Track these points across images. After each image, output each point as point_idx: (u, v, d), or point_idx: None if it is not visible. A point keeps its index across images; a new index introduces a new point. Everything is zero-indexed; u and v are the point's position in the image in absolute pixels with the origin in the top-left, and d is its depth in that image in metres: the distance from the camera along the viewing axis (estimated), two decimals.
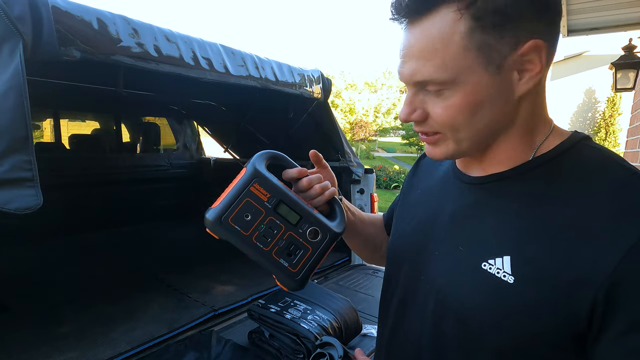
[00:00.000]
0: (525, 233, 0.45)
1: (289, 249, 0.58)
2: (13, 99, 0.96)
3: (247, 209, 0.57)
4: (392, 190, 11.53)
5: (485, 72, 0.44)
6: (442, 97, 0.46)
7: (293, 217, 0.59)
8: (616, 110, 14.06)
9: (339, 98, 21.46)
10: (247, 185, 0.58)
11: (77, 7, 1.17)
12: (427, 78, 0.45)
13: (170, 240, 3.17)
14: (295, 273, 0.57)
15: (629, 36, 3.34)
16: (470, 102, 0.45)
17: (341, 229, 0.62)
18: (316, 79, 2.21)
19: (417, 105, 0.49)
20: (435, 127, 0.49)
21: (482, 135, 0.48)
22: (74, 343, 1.52)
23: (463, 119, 0.46)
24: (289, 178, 0.66)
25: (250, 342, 1.49)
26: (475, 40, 0.42)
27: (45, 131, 3.52)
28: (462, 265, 0.50)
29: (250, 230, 0.57)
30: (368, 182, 2.48)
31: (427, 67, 0.45)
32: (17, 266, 2.33)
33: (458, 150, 0.50)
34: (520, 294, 0.43)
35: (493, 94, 0.45)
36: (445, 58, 0.44)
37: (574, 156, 0.46)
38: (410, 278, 0.58)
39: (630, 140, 2.38)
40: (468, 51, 0.43)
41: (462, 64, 0.43)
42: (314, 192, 0.64)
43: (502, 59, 0.43)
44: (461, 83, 0.44)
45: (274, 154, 0.66)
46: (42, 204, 0.97)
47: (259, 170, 0.59)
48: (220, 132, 3.61)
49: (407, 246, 0.60)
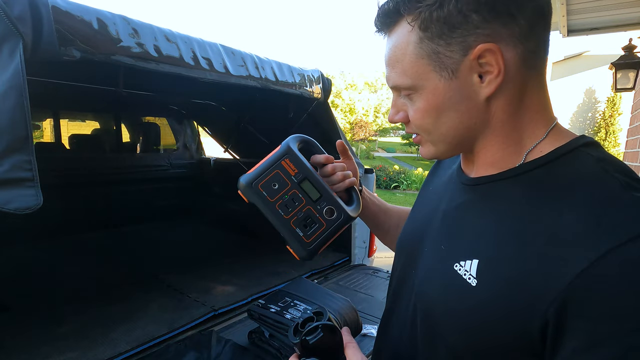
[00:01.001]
0: (497, 239, 0.44)
1: (306, 221, 0.65)
2: (13, 99, 0.96)
3: (275, 179, 0.65)
4: (392, 190, 11.53)
5: (441, 77, 0.46)
6: (412, 101, 0.50)
7: (314, 194, 0.66)
8: (616, 110, 14.07)
9: (339, 98, 21.46)
10: (279, 158, 0.67)
11: (77, 7, 1.17)
12: (395, 84, 0.50)
13: (170, 240, 3.17)
14: (308, 243, 0.64)
15: (629, 36, 3.34)
16: (432, 106, 0.48)
17: (355, 214, 0.69)
18: (316, 79, 2.20)
19: (399, 107, 0.53)
20: (413, 129, 0.53)
21: (454, 137, 0.50)
22: (74, 343, 1.52)
23: (430, 121, 0.49)
24: (316, 162, 0.74)
25: (250, 342, 1.49)
26: (425, 49, 0.46)
27: (45, 131, 3.52)
28: (439, 264, 0.51)
29: (275, 198, 0.64)
30: (368, 182, 2.48)
31: (393, 74, 0.50)
32: (17, 266, 2.33)
33: (437, 151, 0.53)
34: (480, 298, 0.43)
35: (453, 97, 0.47)
36: (404, 66, 0.48)
37: (566, 164, 0.44)
38: (404, 271, 0.61)
39: (630, 140, 2.38)
40: (421, 59, 0.46)
41: (418, 70, 0.47)
42: (337, 178, 0.72)
43: (456, 64, 0.45)
44: (421, 88, 0.48)
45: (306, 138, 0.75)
46: (42, 204, 0.97)
47: (291, 147, 0.68)
48: (220, 132, 3.60)
49: (408, 240, 0.63)
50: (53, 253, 2.62)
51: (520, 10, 0.43)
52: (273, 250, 2.44)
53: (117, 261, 2.61)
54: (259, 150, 3.51)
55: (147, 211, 3.49)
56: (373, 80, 28.53)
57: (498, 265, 0.43)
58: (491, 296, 0.42)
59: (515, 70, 0.44)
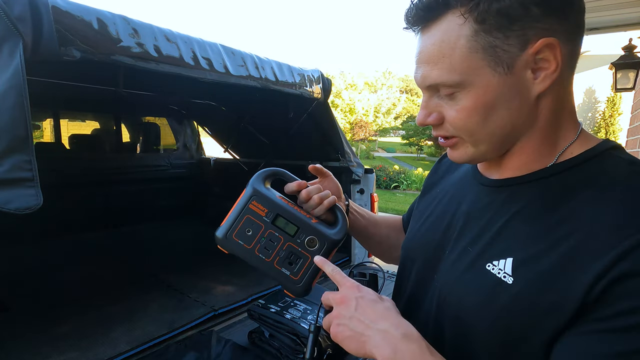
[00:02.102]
0: (530, 237, 0.45)
1: (290, 258, 0.63)
2: (13, 98, 0.96)
3: (248, 224, 0.64)
4: (392, 190, 11.53)
5: (495, 73, 0.44)
6: (454, 100, 0.47)
7: (291, 229, 0.64)
8: (616, 110, 14.06)
9: (339, 98, 21.46)
10: (246, 203, 0.65)
11: (77, 7, 1.17)
12: (437, 81, 0.47)
13: (170, 240, 3.17)
14: (297, 280, 0.62)
15: (629, 36, 3.34)
16: (482, 104, 0.45)
17: (340, 236, 0.66)
18: (316, 79, 2.20)
19: (432, 108, 0.50)
20: (450, 131, 0.50)
21: (499, 137, 0.48)
22: (74, 343, 1.52)
23: (477, 121, 0.47)
24: (289, 192, 0.70)
25: (250, 342, 1.49)
26: (480, 43, 0.43)
27: (45, 131, 3.52)
28: (468, 265, 0.50)
29: (252, 243, 0.63)
30: (368, 182, 2.48)
31: (436, 71, 0.46)
32: (17, 266, 2.33)
33: (477, 153, 0.50)
34: (517, 295, 0.43)
35: (506, 94, 0.45)
36: (452, 61, 0.45)
37: (597, 166, 0.45)
38: (421, 275, 0.59)
39: (630, 140, 2.38)
40: (475, 53, 0.44)
41: (470, 65, 0.44)
42: (313, 202, 0.67)
43: (512, 59, 0.43)
44: (471, 85, 0.45)
45: (272, 171, 0.71)
46: (42, 204, 0.97)
47: (256, 188, 0.66)
48: (220, 132, 3.60)
49: (422, 244, 0.61)
50: (53, 253, 2.62)
51: (570, 9, 0.44)
52: None
53: (117, 261, 2.61)
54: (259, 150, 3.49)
55: (147, 211, 3.48)
56: (373, 80, 28.52)
57: (533, 261, 0.43)
58: (528, 291, 0.42)
59: (564, 68, 0.45)
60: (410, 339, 0.46)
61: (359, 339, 0.48)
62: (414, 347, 0.45)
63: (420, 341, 0.46)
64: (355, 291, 0.52)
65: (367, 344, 0.47)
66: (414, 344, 0.45)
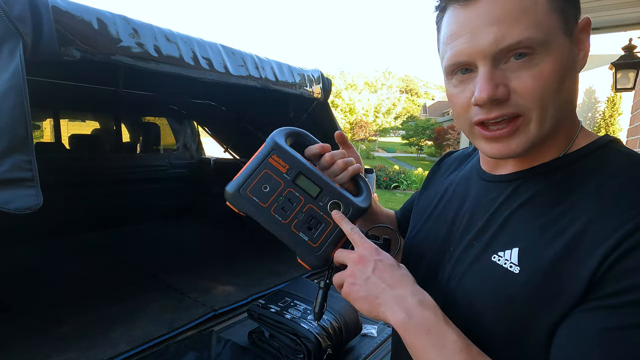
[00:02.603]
0: (535, 228, 0.46)
1: (309, 222, 0.56)
2: (13, 99, 0.96)
3: (265, 180, 0.56)
4: (392, 190, 11.53)
5: (565, 38, 0.44)
6: (531, 64, 0.42)
7: (313, 190, 0.57)
8: (616, 110, 14.05)
9: (339, 98, 21.45)
10: (265, 156, 0.57)
11: (77, 7, 1.17)
12: (521, 38, 0.42)
13: (170, 240, 3.17)
14: (316, 248, 0.55)
15: (629, 36, 3.34)
16: (560, 69, 0.43)
17: (366, 204, 0.60)
18: (316, 79, 2.20)
19: (498, 80, 0.44)
20: (520, 106, 0.44)
21: (564, 111, 0.47)
22: (74, 343, 1.52)
23: (554, 88, 0.43)
24: (311, 154, 0.64)
25: (250, 342, 1.49)
26: (557, 4, 0.43)
27: (45, 131, 3.52)
28: (474, 258, 0.51)
29: (268, 202, 0.56)
30: (368, 182, 2.48)
31: (519, 27, 0.41)
32: (17, 266, 2.33)
33: (538, 136, 0.45)
34: (524, 284, 0.44)
35: (572, 64, 0.45)
36: (537, 17, 0.42)
37: (600, 158, 0.47)
38: (427, 272, 0.59)
39: (630, 140, 2.38)
40: (554, 12, 0.43)
41: (551, 24, 0.42)
42: (337, 167, 0.62)
43: (572, 29, 0.44)
44: (551, 47, 0.42)
45: (295, 130, 0.65)
46: (42, 204, 0.97)
47: (277, 142, 0.58)
48: (220, 132, 3.60)
49: (427, 241, 0.61)
50: (53, 253, 2.62)
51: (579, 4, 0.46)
52: (273, 250, 2.43)
53: (117, 261, 2.61)
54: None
55: (147, 211, 3.48)
56: (373, 80, 28.51)
57: (538, 250, 0.44)
58: (535, 280, 0.43)
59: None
60: (426, 307, 0.46)
61: (373, 300, 0.48)
62: (429, 313, 0.45)
63: (436, 309, 0.46)
64: (374, 253, 0.51)
65: (382, 306, 0.47)
66: (429, 311, 0.46)
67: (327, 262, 0.57)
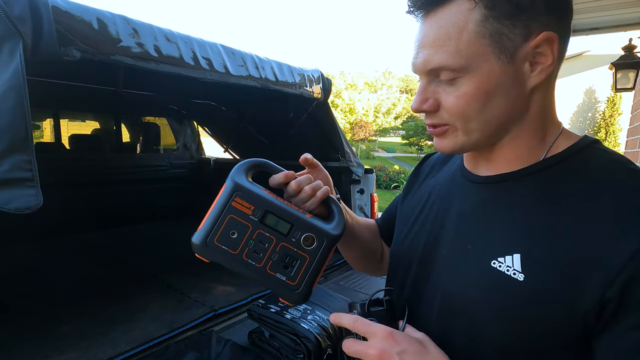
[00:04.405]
0: (533, 232, 0.45)
1: (285, 261, 0.54)
2: (13, 99, 0.96)
3: (231, 226, 0.54)
4: (392, 190, 11.53)
5: (498, 61, 0.45)
6: (455, 86, 0.47)
7: (283, 227, 0.55)
8: (616, 110, 14.06)
9: (339, 98, 21.45)
10: (227, 200, 0.55)
11: (77, 7, 1.17)
12: (440, 64, 0.46)
13: (170, 240, 3.16)
14: (295, 286, 0.54)
15: (629, 36, 3.34)
16: (483, 91, 0.46)
17: (339, 231, 0.58)
18: (316, 79, 2.21)
19: (429, 95, 0.49)
20: (445, 118, 0.49)
21: (492, 126, 0.48)
22: (74, 343, 1.52)
23: (475, 108, 0.47)
24: (276, 184, 0.61)
25: (250, 342, 1.49)
26: (488, 28, 0.44)
27: (45, 131, 3.53)
28: (471, 263, 0.50)
29: (239, 248, 0.53)
30: (368, 182, 2.48)
31: (441, 54, 0.45)
32: (17, 266, 2.33)
33: (467, 142, 0.50)
34: (530, 292, 0.43)
35: (506, 84, 0.46)
36: (459, 45, 0.44)
37: (584, 158, 0.47)
38: (418, 278, 0.58)
39: (630, 140, 2.38)
40: (482, 38, 0.44)
41: (476, 50, 0.44)
42: (305, 194, 0.60)
43: (515, 49, 0.44)
44: (474, 70, 0.45)
45: (254, 161, 0.62)
46: (42, 204, 0.97)
47: (238, 182, 0.56)
48: (220, 132, 3.61)
49: (415, 247, 0.59)
50: (53, 253, 2.62)
51: (565, 9, 0.45)
52: None
53: (117, 261, 2.61)
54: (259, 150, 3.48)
55: (147, 211, 3.49)
56: (373, 80, 28.52)
57: (542, 256, 0.44)
58: (542, 287, 0.43)
59: (557, 63, 0.46)
60: None
61: None
62: None
63: None
64: (392, 343, 0.45)
65: None
66: None
67: (309, 297, 0.55)
